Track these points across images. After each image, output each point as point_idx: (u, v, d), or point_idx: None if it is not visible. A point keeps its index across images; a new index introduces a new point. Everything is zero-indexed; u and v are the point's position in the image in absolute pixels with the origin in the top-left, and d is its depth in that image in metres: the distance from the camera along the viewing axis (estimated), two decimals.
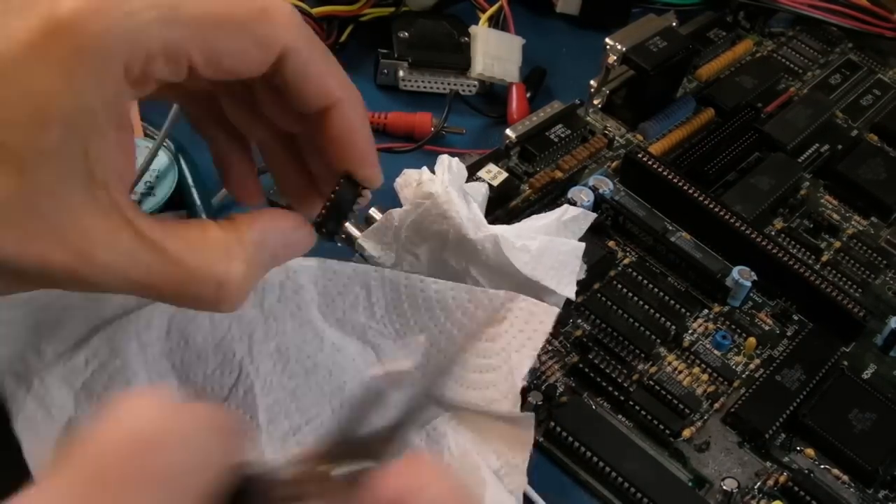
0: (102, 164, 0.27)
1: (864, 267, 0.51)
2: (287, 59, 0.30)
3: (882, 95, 0.62)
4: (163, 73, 0.28)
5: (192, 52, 0.28)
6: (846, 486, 0.41)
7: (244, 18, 0.29)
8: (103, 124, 0.27)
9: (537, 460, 0.40)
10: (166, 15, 0.27)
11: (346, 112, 0.32)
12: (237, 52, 0.29)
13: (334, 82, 0.31)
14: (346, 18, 0.55)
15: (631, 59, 0.53)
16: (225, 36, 0.28)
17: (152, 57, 0.27)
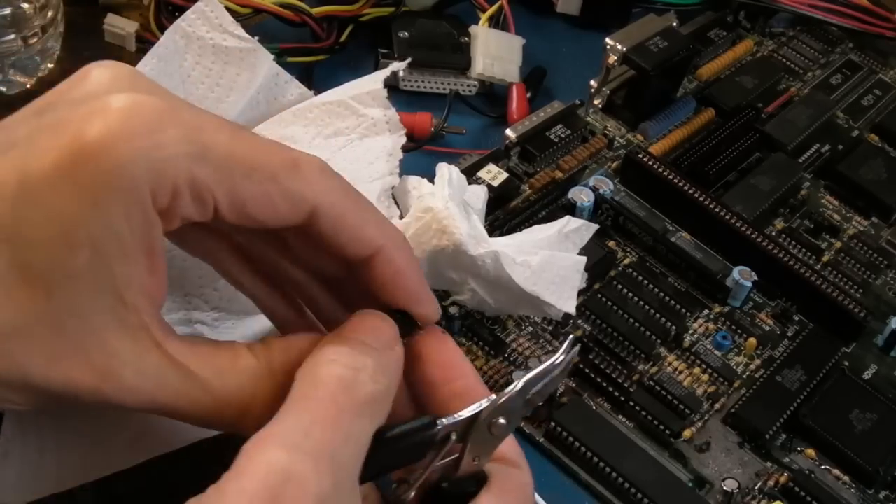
0: (131, 287, 0.27)
1: (865, 267, 0.51)
2: (319, 215, 0.29)
3: (883, 95, 0.62)
4: (188, 211, 0.27)
5: (217, 194, 0.27)
6: (847, 487, 0.41)
7: (274, 170, 0.28)
8: (132, 250, 0.27)
9: (537, 460, 0.40)
10: (196, 152, 0.27)
11: (390, 257, 0.31)
12: (263, 202, 0.28)
13: (373, 231, 0.30)
14: (346, 18, 0.55)
15: (631, 59, 0.53)
16: (252, 184, 0.28)
17: (178, 192, 0.27)
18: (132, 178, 0.26)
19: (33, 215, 0.26)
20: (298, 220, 0.29)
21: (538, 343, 0.43)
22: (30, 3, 0.46)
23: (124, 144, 0.26)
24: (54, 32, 0.49)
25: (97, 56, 0.33)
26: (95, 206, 0.26)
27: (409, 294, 0.31)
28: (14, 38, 0.46)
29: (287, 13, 0.53)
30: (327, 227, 0.30)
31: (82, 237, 0.26)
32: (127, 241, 0.26)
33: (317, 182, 0.29)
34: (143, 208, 0.26)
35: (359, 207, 0.31)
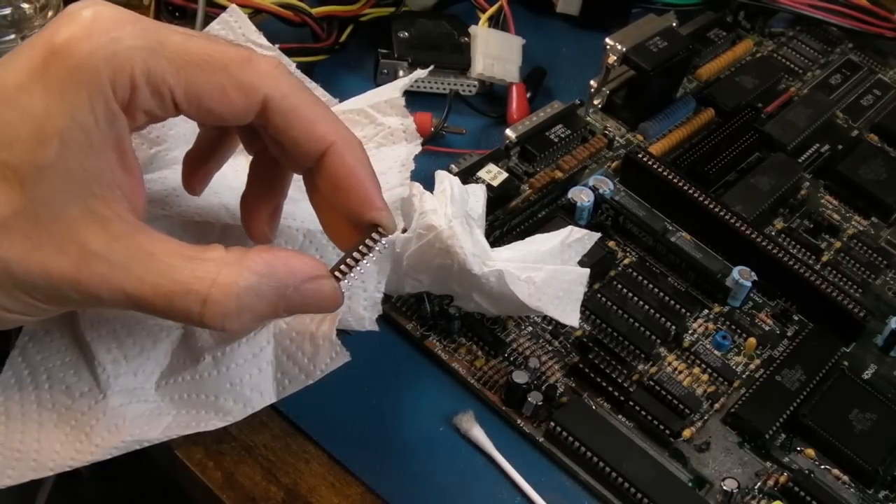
0: (101, 180, 0.29)
1: (865, 267, 0.51)
2: (270, 106, 0.31)
3: (882, 95, 0.62)
4: (148, 104, 0.30)
5: (173, 85, 0.29)
6: (846, 487, 0.41)
7: (227, 62, 0.30)
8: (99, 143, 0.29)
9: (537, 460, 0.40)
10: (150, 46, 0.29)
11: (339, 154, 0.32)
12: (217, 93, 0.30)
13: (324, 127, 0.32)
14: (346, 18, 0.55)
15: (631, 60, 0.53)
16: (205, 75, 0.30)
17: (136, 84, 0.29)
18: (93, 71, 0.28)
19: (7, 116, 0.28)
20: (252, 111, 0.31)
21: (538, 343, 0.43)
22: (30, 3, 0.46)
23: (86, 42, 0.28)
24: None
25: None
26: (62, 99, 0.28)
27: (357, 195, 0.32)
28: (14, 38, 0.46)
29: (287, 13, 0.53)
30: (279, 120, 0.31)
31: (50, 130, 0.28)
32: (93, 133, 0.28)
33: (269, 75, 0.31)
34: (104, 99, 0.28)
35: (311, 103, 0.32)
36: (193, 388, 0.36)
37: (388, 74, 0.54)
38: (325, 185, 0.33)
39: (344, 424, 0.39)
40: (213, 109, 0.31)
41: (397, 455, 0.39)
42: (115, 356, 0.36)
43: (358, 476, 0.38)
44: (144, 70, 0.29)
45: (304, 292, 0.31)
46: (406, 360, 0.42)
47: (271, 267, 0.30)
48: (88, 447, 0.34)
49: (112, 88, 0.29)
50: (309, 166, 0.33)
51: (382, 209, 0.33)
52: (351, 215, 0.33)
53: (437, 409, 0.41)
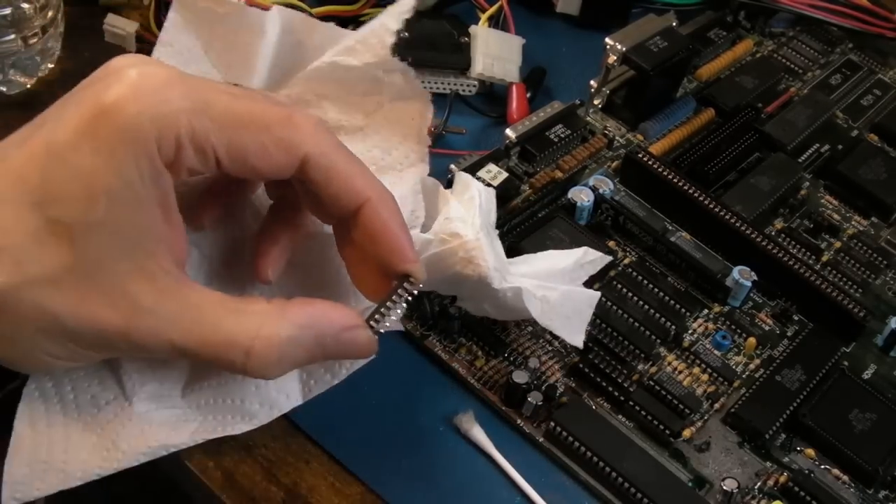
0: (147, 235, 0.30)
1: (865, 267, 0.51)
2: (310, 163, 0.32)
3: (882, 95, 0.62)
4: (192, 162, 0.31)
5: (216, 144, 0.31)
6: (846, 487, 0.41)
7: (269, 122, 0.32)
8: (145, 200, 0.30)
9: (537, 460, 0.40)
10: (196, 107, 0.30)
11: (375, 210, 0.34)
12: (259, 152, 0.32)
13: (361, 183, 0.34)
14: (346, 18, 0.55)
15: (631, 59, 0.53)
16: (249, 134, 0.31)
17: (181, 144, 0.30)
18: (140, 131, 0.29)
19: (58, 175, 0.29)
20: (292, 168, 0.32)
21: (538, 343, 0.43)
22: (30, 3, 0.46)
23: (134, 103, 0.29)
24: (54, 32, 0.49)
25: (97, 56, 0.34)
26: (110, 158, 0.29)
27: (391, 248, 0.34)
28: (14, 38, 0.46)
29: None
30: (318, 176, 0.33)
31: (99, 188, 0.29)
32: (139, 190, 0.30)
33: (309, 133, 0.32)
34: (150, 158, 0.29)
35: (348, 160, 0.34)
36: (219, 392, 0.36)
37: None
38: (360, 236, 0.34)
39: (344, 424, 0.39)
40: (255, 167, 0.32)
41: (397, 455, 0.39)
42: (140, 364, 0.36)
43: (358, 476, 0.38)
44: (189, 130, 0.30)
45: (342, 341, 0.33)
46: (406, 360, 0.42)
47: (311, 318, 0.32)
48: (115, 454, 0.34)
49: (158, 147, 0.30)
50: (344, 219, 0.34)
51: (415, 262, 0.34)
52: (383, 265, 0.34)
53: (437, 409, 0.41)
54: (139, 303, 0.30)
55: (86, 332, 0.30)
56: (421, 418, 0.40)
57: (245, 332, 0.31)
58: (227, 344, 0.31)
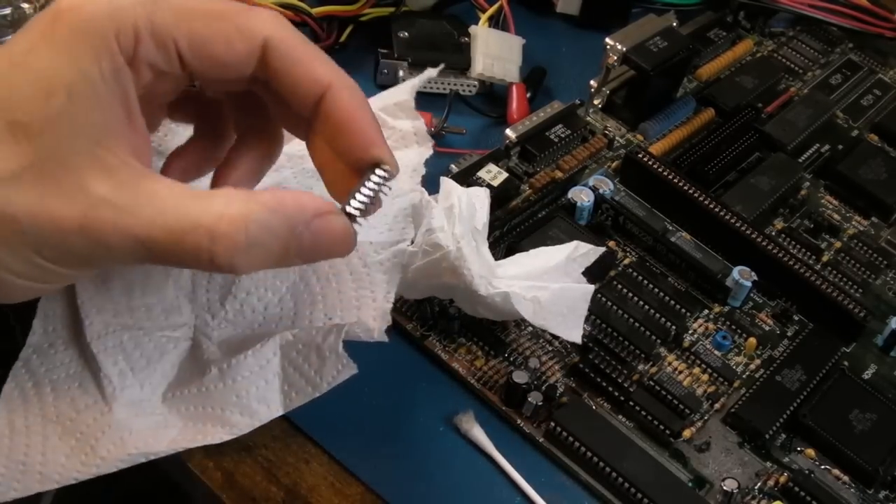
0: (108, 133, 0.30)
1: (865, 267, 0.51)
2: (271, 49, 0.32)
3: (882, 95, 0.62)
4: (153, 56, 0.30)
5: (177, 36, 0.30)
6: (846, 487, 0.41)
7: (227, 11, 0.32)
8: (105, 96, 0.29)
9: (537, 460, 0.40)
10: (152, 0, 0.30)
11: (338, 94, 0.33)
12: (220, 40, 0.31)
13: (322, 68, 0.33)
14: (346, 18, 0.55)
15: (631, 59, 0.53)
16: (208, 23, 0.31)
17: (140, 36, 0.30)
18: (97, 27, 0.29)
19: (17, 79, 0.29)
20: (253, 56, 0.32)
21: (538, 343, 0.43)
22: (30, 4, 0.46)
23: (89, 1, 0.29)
24: None
25: None
26: (68, 55, 0.29)
27: (358, 134, 0.33)
28: None
29: (287, 13, 0.53)
30: (279, 63, 0.32)
31: (58, 84, 0.29)
32: (98, 85, 0.29)
33: (268, 20, 0.32)
34: (109, 53, 0.29)
35: (309, 46, 0.33)
36: (200, 400, 0.36)
37: (388, 74, 0.54)
38: (326, 128, 0.33)
39: (344, 424, 0.39)
40: (217, 56, 0.31)
41: (397, 455, 0.39)
42: (121, 368, 0.35)
43: (358, 476, 0.38)
44: (147, 23, 0.30)
45: (315, 229, 0.31)
46: (406, 360, 0.42)
47: (280, 202, 0.30)
48: (94, 460, 0.34)
49: (117, 42, 0.29)
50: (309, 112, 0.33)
51: (383, 146, 0.33)
52: (352, 157, 0.33)
53: (437, 409, 0.41)
54: (97, 194, 0.29)
55: (45, 233, 0.29)
56: (421, 418, 0.40)
57: (209, 213, 0.29)
58: (191, 228, 0.29)
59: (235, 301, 0.38)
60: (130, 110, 0.30)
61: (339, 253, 0.32)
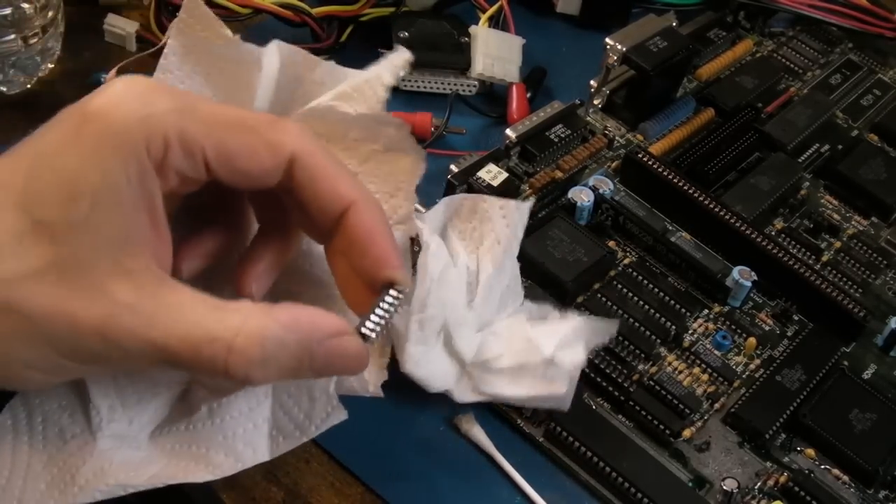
0: (131, 238, 0.30)
1: (865, 267, 0.51)
2: (296, 164, 0.32)
3: (882, 95, 0.62)
4: (181, 164, 0.30)
5: (205, 146, 0.31)
6: (846, 487, 0.41)
7: (256, 124, 0.32)
8: (130, 202, 0.30)
9: (537, 460, 0.40)
10: (182, 109, 0.30)
11: (360, 213, 0.33)
12: (247, 152, 0.31)
13: (346, 185, 0.33)
14: (346, 18, 0.55)
15: (631, 59, 0.53)
16: (236, 135, 0.31)
17: (169, 144, 0.30)
18: (126, 132, 0.29)
19: (42, 178, 0.29)
20: (279, 169, 0.32)
21: None
22: (30, 3, 0.46)
23: (120, 107, 0.29)
24: (54, 32, 0.49)
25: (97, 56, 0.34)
26: (95, 159, 0.29)
27: (376, 253, 0.33)
28: (14, 38, 0.46)
29: (287, 13, 0.53)
30: (304, 177, 0.32)
31: (84, 188, 0.29)
32: (124, 192, 0.29)
33: (296, 134, 0.32)
34: (138, 159, 0.29)
35: (334, 163, 0.33)
36: (186, 438, 0.36)
37: None
38: (344, 243, 0.33)
39: (344, 424, 0.39)
40: (243, 168, 0.32)
41: (397, 455, 0.39)
42: (111, 402, 0.35)
43: (358, 476, 0.38)
44: (177, 130, 0.30)
45: (329, 348, 0.31)
46: None
47: (296, 320, 0.31)
48: (72, 489, 0.33)
49: (146, 149, 0.29)
50: (330, 225, 0.33)
51: (400, 268, 0.33)
52: (368, 274, 0.33)
53: (437, 409, 0.41)
54: (118, 299, 0.29)
55: (63, 332, 0.29)
56: (421, 418, 0.40)
57: (227, 328, 0.30)
58: (208, 341, 0.30)
59: None
60: (155, 216, 0.31)
61: (351, 371, 0.34)
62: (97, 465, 0.34)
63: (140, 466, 0.35)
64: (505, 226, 0.40)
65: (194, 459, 0.35)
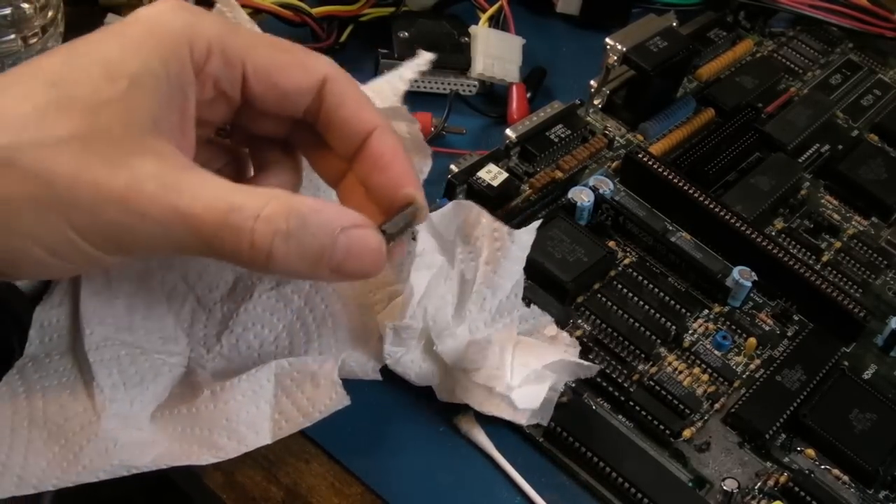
0: (161, 124, 0.30)
1: (865, 267, 0.51)
2: (328, 87, 0.34)
3: (882, 95, 0.62)
4: (220, 73, 0.32)
5: (245, 59, 0.32)
6: (846, 487, 0.41)
7: (290, 45, 0.34)
8: (166, 95, 0.30)
9: (537, 460, 0.40)
10: (226, 26, 0.32)
11: (383, 137, 0.34)
12: (284, 69, 0.33)
13: (371, 111, 0.35)
14: (346, 18, 0.55)
15: (631, 60, 0.53)
16: (275, 53, 0.33)
17: (212, 51, 0.31)
18: (172, 32, 0.31)
19: (80, 61, 0.30)
20: (312, 89, 0.33)
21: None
22: (30, 3, 0.46)
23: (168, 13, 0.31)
24: (54, 32, 0.49)
25: None
26: (137, 50, 0.30)
27: (398, 173, 0.34)
28: (14, 38, 0.46)
29: (287, 13, 0.53)
30: (334, 101, 0.34)
31: (122, 72, 0.29)
32: (162, 83, 0.30)
33: (326, 61, 0.34)
34: (179, 58, 0.30)
35: (360, 90, 0.35)
36: (189, 421, 0.36)
37: None
38: (364, 167, 0.34)
39: (344, 424, 0.39)
40: (281, 85, 0.33)
41: (397, 455, 0.39)
42: (114, 381, 0.35)
43: (358, 476, 0.38)
44: (221, 41, 0.31)
45: (351, 238, 0.31)
46: None
47: (322, 204, 0.31)
48: (76, 468, 0.33)
49: (189, 50, 0.31)
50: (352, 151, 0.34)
51: (420, 191, 0.34)
52: (387, 195, 0.34)
53: (437, 409, 0.41)
54: (144, 170, 0.29)
55: (84, 200, 0.28)
56: (421, 418, 0.40)
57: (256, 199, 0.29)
58: (237, 208, 0.29)
59: (231, 335, 0.38)
60: (186, 118, 0.31)
61: (368, 271, 0.32)
62: (101, 446, 0.34)
63: (144, 448, 0.35)
64: (496, 249, 0.40)
65: (197, 442, 0.35)
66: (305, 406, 0.36)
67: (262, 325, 0.38)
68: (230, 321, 0.38)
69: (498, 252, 0.40)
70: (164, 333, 0.37)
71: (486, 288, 0.40)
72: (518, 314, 0.41)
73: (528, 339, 0.41)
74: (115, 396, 0.35)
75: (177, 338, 0.38)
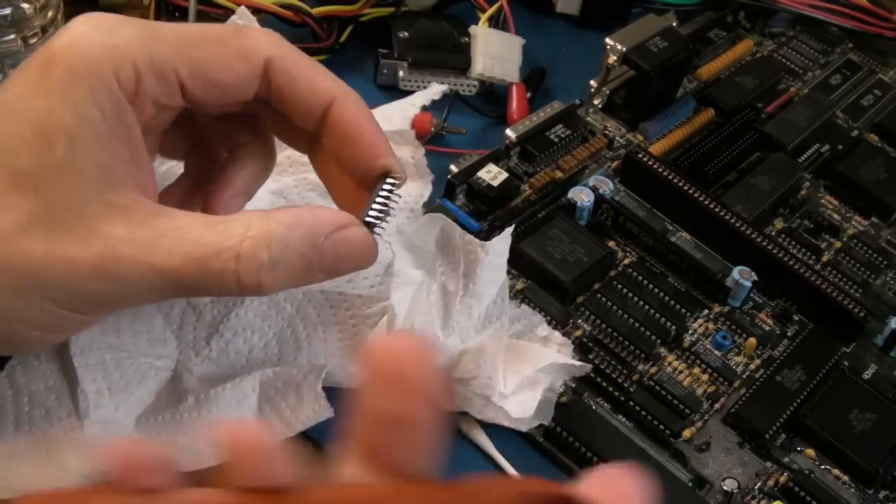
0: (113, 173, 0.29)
1: (865, 267, 0.51)
2: (273, 68, 0.31)
3: (882, 95, 0.62)
4: (155, 91, 0.30)
5: (177, 66, 0.30)
6: (846, 487, 0.41)
7: (223, 35, 0.31)
8: (107, 137, 0.28)
9: (537, 460, 0.40)
10: (147, 34, 0.30)
11: (343, 107, 0.32)
12: (220, 64, 0.31)
13: (325, 82, 0.32)
14: (346, 18, 0.55)
15: (631, 60, 0.53)
16: (206, 49, 0.30)
17: (140, 72, 0.29)
18: (94, 65, 0.28)
19: (12, 126, 0.28)
20: (255, 76, 0.31)
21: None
22: (30, 3, 0.46)
23: (83, 41, 0.28)
24: (54, 32, 0.49)
25: None
26: (64, 97, 0.28)
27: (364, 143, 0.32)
28: (14, 38, 0.46)
29: (287, 13, 0.53)
30: (283, 80, 0.32)
31: (57, 130, 0.28)
32: (100, 128, 0.28)
33: (264, 38, 0.32)
34: (109, 91, 0.28)
35: (309, 62, 0.33)
36: (171, 428, 0.36)
37: (387, 74, 0.54)
38: (331, 141, 0.33)
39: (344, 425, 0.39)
40: (220, 81, 0.31)
41: None
42: (99, 386, 0.35)
43: None
44: (146, 56, 0.29)
45: (336, 241, 0.30)
46: None
47: (299, 218, 0.30)
48: (57, 472, 0.33)
49: (117, 79, 0.29)
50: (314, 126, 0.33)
51: (391, 156, 0.33)
52: (360, 168, 0.33)
53: None
54: (113, 235, 0.28)
55: (60, 278, 0.28)
56: None
57: (232, 237, 0.29)
58: (214, 253, 0.28)
59: (221, 340, 0.38)
60: (135, 148, 0.30)
61: (362, 264, 0.32)
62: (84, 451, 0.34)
63: None
64: (471, 261, 0.40)
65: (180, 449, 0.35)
66: (288, 417, 0.36)
67: (253, 332, 0.38)
68: (220, 325, 0.38)
69: (474, 264, 0.40)
70: (153, 335, 0.37)
71: (471, 298, 0.40)
72: (508, 317, 0.41)
73: (520, 342, 0.41)
74: (99, 402, 0.35)
75: (165, 339, 0.37)
